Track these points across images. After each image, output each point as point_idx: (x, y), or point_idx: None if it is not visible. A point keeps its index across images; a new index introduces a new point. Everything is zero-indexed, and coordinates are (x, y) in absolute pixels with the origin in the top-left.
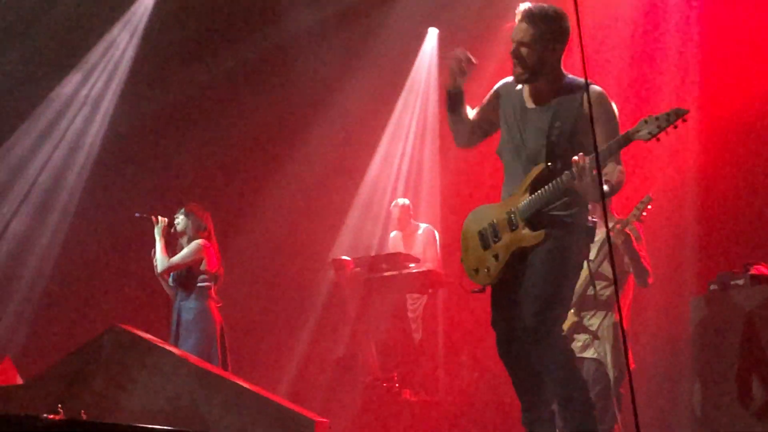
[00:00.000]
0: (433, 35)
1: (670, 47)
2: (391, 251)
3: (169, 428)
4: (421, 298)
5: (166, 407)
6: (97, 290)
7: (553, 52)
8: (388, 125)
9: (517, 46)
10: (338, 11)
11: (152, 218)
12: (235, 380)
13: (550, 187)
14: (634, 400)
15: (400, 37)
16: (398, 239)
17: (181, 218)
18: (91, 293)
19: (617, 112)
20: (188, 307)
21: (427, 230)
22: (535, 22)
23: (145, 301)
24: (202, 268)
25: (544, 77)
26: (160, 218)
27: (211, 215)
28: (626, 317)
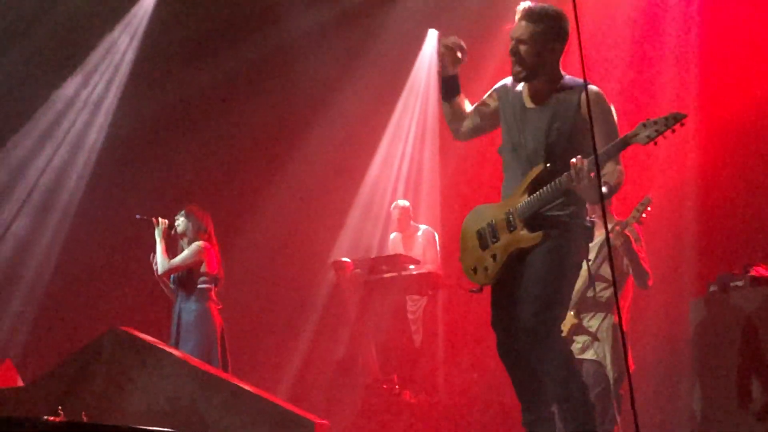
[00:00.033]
0: (432, 37)
1: (669, 49)
2: (391, 253)
3: (169, 430)
4: (420, 299)
5: (166, 408)
6: (97, 292)
7: (552, 51)
8: (388, 126)
9: (515, 43)
10: (338, 13)
11: (152, 220)
12: (235, 381)
13: (548, 188)
14: (633, 401)
15: (399, 38)
16: (398, 241)
17: (181, 220)
18: (91, 295)
19: (615, 111)
20: (188, 308)
21: (426, 232)
22: (534, 20)
23: (145, 302)
24: (202, 269)
25: (542, 77)
26: (160, 220)
27: (211, 217)
28: (626, 319)
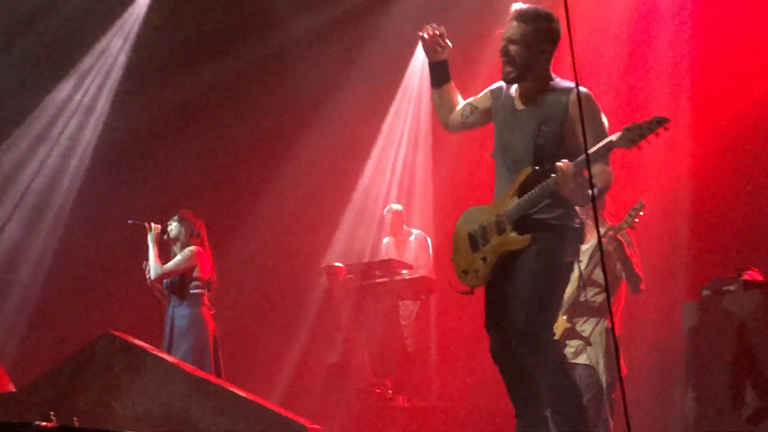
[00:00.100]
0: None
1: (662, 53)
2: (383, 257)
3: None
4: (413, 305)
5: (158, 414)
6: (90, 297)
7: (542, 52)
8: (381, 131)
9: (506, 43)
10: (331, 18)
11: (145, 225)
12: (227, 387)
13: (536, 190)
14: (625, 405)
15: (392, 42)
16: (391, 245)
17: (174, 225)
18: (84, 300)
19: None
20: (181, 314)
21: (419, 236)
22: (525, 20)
23: (138, 307)
24: (195, 274)
25: (532, 78)
26: (153, 225)
27: (204, 222)
28: (618, 323)
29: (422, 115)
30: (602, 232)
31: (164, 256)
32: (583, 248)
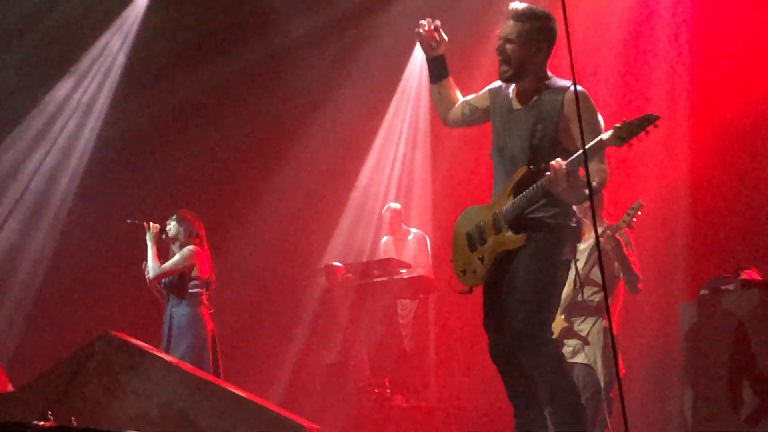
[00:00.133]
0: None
1: (660, 53)
2: (382, 257)
3: None
4: (411, 303)
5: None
6: (88, 297)
7: (538, 51)
8: (379, 130)
9: (502, 42)
10: (330, 18)
11: (144, 224)
12: (226, 386)
13: (531, 190)
14: (623, 405)
15: (391, 42)
16: (389, 244)
17: (173, 224)
18: (82, 300)
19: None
20: (180, 313)
21: (417, 235)
22: (521, 19)
23: (136, 307)
24: (193, 274)
25: (529, 77)
26: (151, 224)
27: (203, 222)
28: (616, 323)
29: (421, 114)
30: (600, 231)
31: (163, 255)
32: (581, 247)
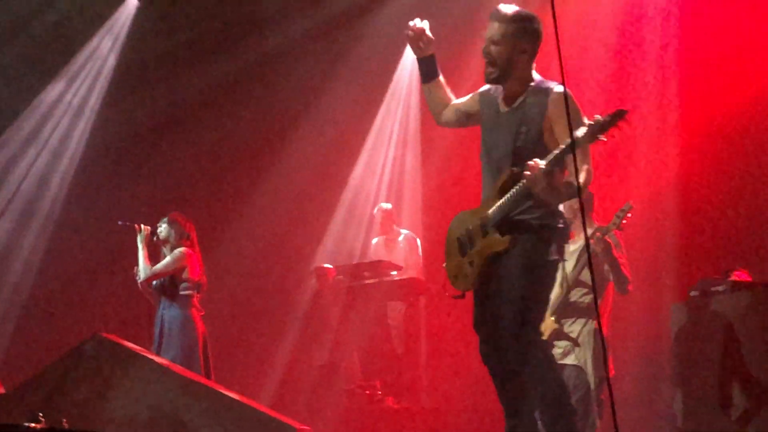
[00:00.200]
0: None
1: (650, 54)
2: (373, 258)
3: None
4: (401, 305)
5: (148, 415)
6: (79, 298)
7: (522, 53)
8: (370, 132)
9: (487, 44)
10: (321, 20)
11: (135, 226)
12: (217, 388)
13: (514, 192)
14: (613, 406)
15: (381, 43)
16: (380, 246)
17: (164, 227)
18: (73, 301)
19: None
20: (171, 315)
21: (408, 237)
22: (505, 21)
23: (127, 309)
24: (184, 276)
25: (514, 78)
26: (142, 226)
27: (194, 224)
28: (606, 324)
29: (412, 115)
30: (590, 233)
31: (154, 258)
32: (570, 249)
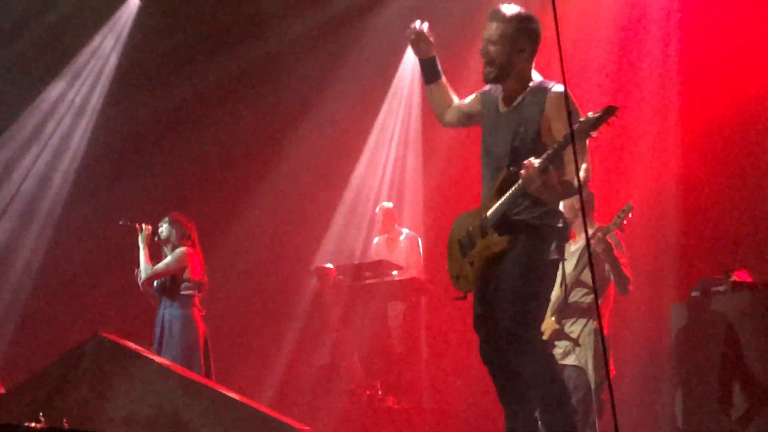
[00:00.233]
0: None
1: (651, 53)
2: (374, 258)
3: None
4: (401, 305)
5: (148, 415)
6: (80, 298)
7: (521, 52)
8: (372, 131)
9: (485, 44)
10: (322, 20)
11: (136, 226)
12: (217, 388)
13: (511, 192)
14: (614, 406)
15: (383, 43)
16: (382, 245)
17: (165, 226)
18: (74, 301)
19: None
20: (172, 315)
21: (409, 236)
22: (503, 21)
23: (128, 309)
24: (185, 276)
25: (512, 78)
26: (144, 226)
27: (195, 224)
28: (607, 324)
29: (413, 115)
30: (591, 233)
31: (155, 258)
32: (571, 249)
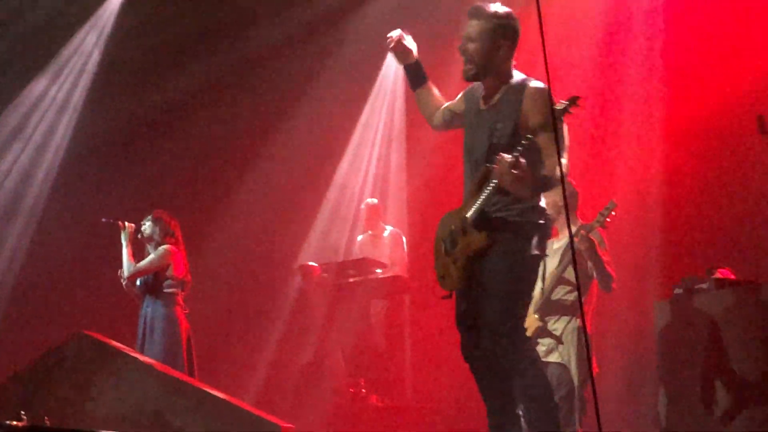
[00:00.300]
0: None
1: (635, 51)
2: (358, 255)
3: None
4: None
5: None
6: (63, 296)
7: (498, 49)
8: (355, 130)
9: (465, 41)
10: (306, 19)
11: (119, 223)
12: (201, 386)
13: (488, 188)
14: (597, 404)
15: (367, 41)
16: (366, 242)
17: (148, 224)
18: (56, 299)
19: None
20: (155, 313)
21: (393, 233)
22: (482, 17)
23: (111, 306)
24: (169, 273)
25: (492, 75)
26: (126, 224)
27: (178, 221)
28: (590, 322)
29: (396, 113)
30: (574, 231)
31: (139, 256)
32: (554, 246)
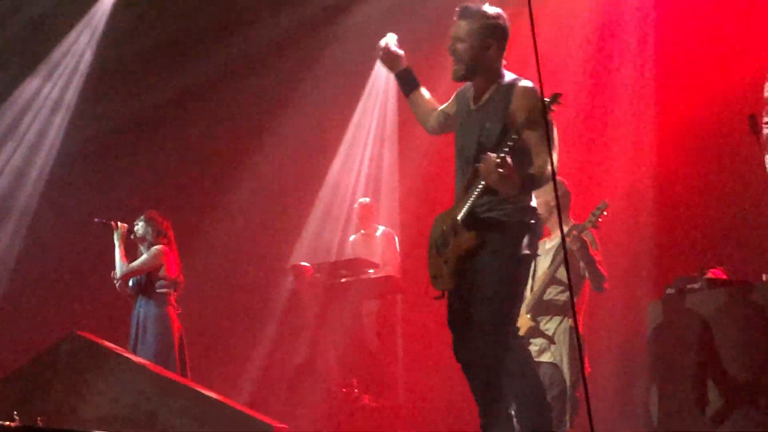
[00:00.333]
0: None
1: (626, 52)
2: (350, 254)
3: None
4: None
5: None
6: (56, 296)
7: (487, 48)
8: (347, 130)
9: (454, 42)
10: (299, 18)
11: (111, 224)
12: (193, 387)
13: (476, 188)
14: (589, 404)
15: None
16: (358, 242)
17: (140, 225)
18: (49, 300)
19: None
20: (147, 313)
21: (386, 232)
22: (470, 18)
23: (104, 307)
24: (161, 274)
25: (480, 76)
26: (119, 224)
27: (171, 222)
28: (582, 322)
29: (389, 113)
30: (566, 231)
31: (132, 256)
32: (546, 246)
